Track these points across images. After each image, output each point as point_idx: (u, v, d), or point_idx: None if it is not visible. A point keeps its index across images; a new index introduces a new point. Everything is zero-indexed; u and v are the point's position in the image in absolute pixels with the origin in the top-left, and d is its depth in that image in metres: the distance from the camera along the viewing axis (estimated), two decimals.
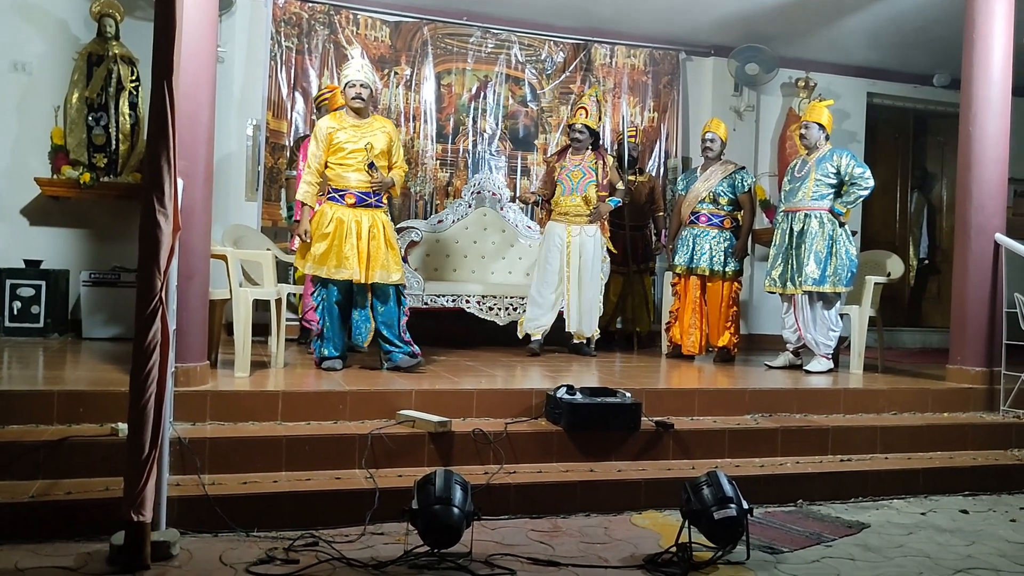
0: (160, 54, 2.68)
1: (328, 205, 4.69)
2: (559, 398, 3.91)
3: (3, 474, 3.10)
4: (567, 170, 5.90)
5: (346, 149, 4.67)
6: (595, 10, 7.04)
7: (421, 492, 2.89)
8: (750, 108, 7.88)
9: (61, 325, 6.04)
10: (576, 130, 5.88)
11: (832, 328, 5.48)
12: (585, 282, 5.87)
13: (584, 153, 5.91)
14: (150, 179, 2.65)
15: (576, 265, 5.84)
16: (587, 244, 5.87)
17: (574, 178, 5.87)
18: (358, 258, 4.62)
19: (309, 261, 4.64)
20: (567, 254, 5.84)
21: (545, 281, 5.88)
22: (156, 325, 2.64)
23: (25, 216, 6.24)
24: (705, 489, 3.02)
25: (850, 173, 5.40)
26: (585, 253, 5.86)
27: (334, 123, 4.72)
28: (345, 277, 4.61)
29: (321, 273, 4.62)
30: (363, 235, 4.64)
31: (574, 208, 5.86)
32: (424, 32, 7.05)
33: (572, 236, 5.84)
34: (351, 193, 4.68)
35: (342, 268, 4.60)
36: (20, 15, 6.19)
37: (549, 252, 5.88)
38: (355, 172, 4.68)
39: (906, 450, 4.38)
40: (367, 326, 4.76)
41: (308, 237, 4.63)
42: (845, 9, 6.78)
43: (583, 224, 5.87)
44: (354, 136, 4.69)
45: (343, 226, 4.62)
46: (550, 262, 5.87)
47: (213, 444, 3.40)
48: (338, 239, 4.60)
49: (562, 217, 5.89)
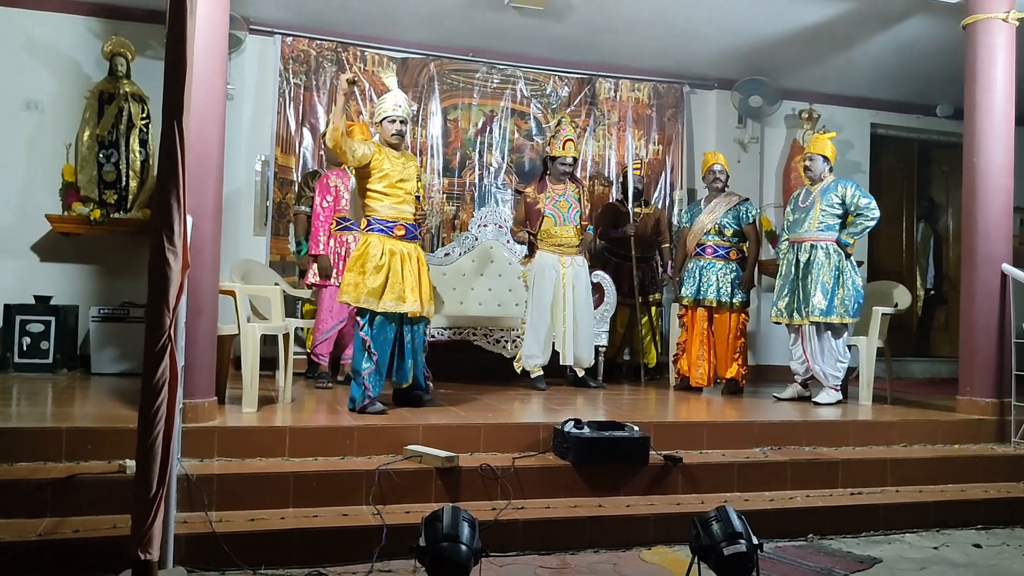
0: (171, 94, 2.71)
1: (376, 237, 4.51)
2: (567, 432, 3.90)
3: (11, 512, 3.11)
4: (553, 200, 5.90)
5: (392, 179, 4.56)
6: (599, 45, 7.11)
7: (428, 529, 2.87)
8: (754, 140, 7.93)
9: (70, 360, 6.06)
10: (567, 163, 5.91)
11: (840, 359, 5.47)
12: (582, 312, 5.87)
13: (566, 183, 5.96)
14: (160, 217, 2.67)
15: (571, 297, 5.83)
16: (580, 274, 5.90)
17: (563, 208, 5.89)
18: (420, 291, 4.54)
19: (363, 295, 4.41)
20: (562, 286, 5.82)
21: (542, 315, 5.82)
22: (165, 362, 2.64)
23: (36, 252, 6.29)
24: (714, 524, 3.00)
25: (856, 204, 5.41)
26: (579, 283, 5.88)
27: (376, 149, 4.58)
28: (405, 310, 4.48)
29: (379, 307, 4.42)
30: (415, 267, 4.57)
31: (568, 239, 5.88)
32: (431, 68, 7.14)
33: (566, 267, 5.84)
34: (400, 225, 4.57)
35: (402, 301, 4.46)
36: (33, 55, 6.29)
37: (544, 285, 5.82)
38: (405, 204, 4.60)
39: (917, 483, 4.35)
40: (411, 363, 4.65)
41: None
42: (847, 42, 6.84)
43: (574, 255, 5.90)
44: (399, 168, 4.61)
45: (395, 258, 4.49)
46: (545, 294, 5.81)
47: (221, 480, 3.40)
48: (394, 272, 4.47)
49: (555, 248, 5.87)
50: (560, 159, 5.92)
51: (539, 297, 5.83)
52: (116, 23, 6.39)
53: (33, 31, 6.28)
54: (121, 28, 6.36)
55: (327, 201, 5.57)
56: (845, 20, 6.37)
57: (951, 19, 5.70)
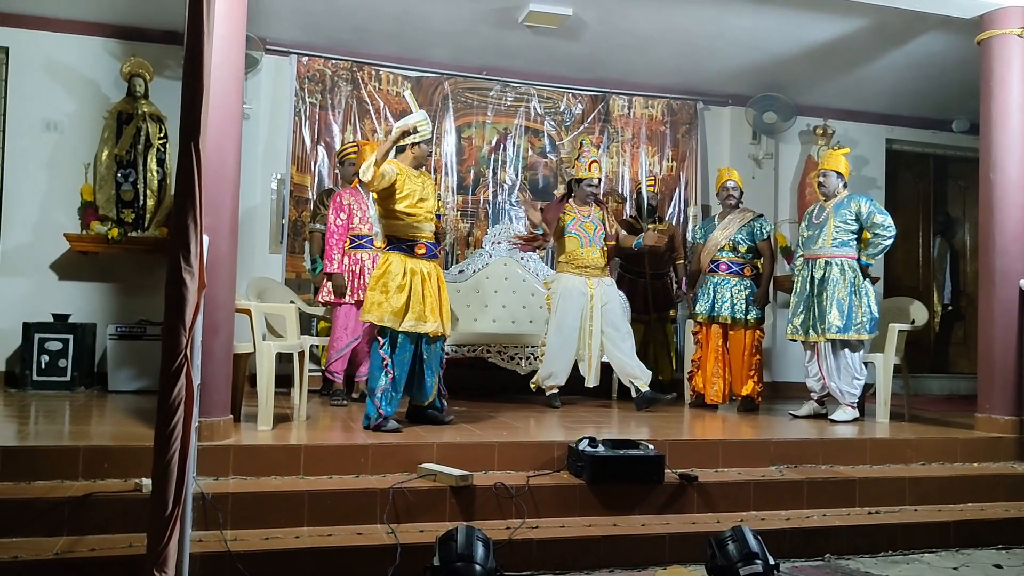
0: (188, 115, 2.74)
1: (397, 256, 4.52)
2: (581, 451, 3.89)
3: (29, 530, 3.13)
4: (579, 222, 5.83)
5: (414, 198, 4.54)
6: (612, 63, 7.14)
7: (443, 549, 2.87)
8: (769, 156, 7.92)
9: (88, 378, 6.10)
10: (593, 185, 5.84)
11: (856, 376, 5.43)
12: (620, 329, 5.77)
13: (591, 205, 5.90)
14: (176, 237, 2.69)
15: (599, 317, 5.74)
16: (609, 292, 5.82)
17: (588, 230, 5.83)
18: (440, 310, 4.56)
19: (386, 314, 4.40)
20: (590, 308, 5.74)
21: (564, 336, 5.71)
22: (181, 382, 2.66)
23: (54, 270, 6.35)
24: (730, 544, 2.99)
25: (872, 221, 5.38)
26: (611, 301, 5.78)
27: (401, 170, 4.55)
28: (426, 331, 4.49)
29: (402, 327, 4.42)
30: (434, 287, 4.57)
31: (594, 260, 5.81)
32: (445, 87, 7.18)
33: (594, 288, 5.77)
34: (422, 244, 4.57)
35: (423, 321, 4.47)
36: (53, 76, 6.38)
37: (568, 307, 5.71)
38: (425, 223, 4.60)
39: (936, 502, 4.30)
40: (432, 380, 4.65)
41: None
42: (862, 58, 6.83)
43: (601, 276, 5.84)
44: (420, 188, 4.59)
45: (416, 278, 4.49)
46: (570, 316, 5.71)
47: (236, 499, 3.41)
48: (415, 292, 4.47)
49: (581, 271, 5.80)
50: (587, 181, 5.82)
51: (562, 319, 5.71)
52: (134, 44, 6.48)
53: (54, 53, 6.38)
54: (139, 49, 6.45)
55: (340, 219, 5.60)
56: (859, 37, 6.36)
57: (966, 35, 5.69)
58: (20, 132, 6.33)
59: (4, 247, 6.29)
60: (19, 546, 3.04)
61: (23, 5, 6.21)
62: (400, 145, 4.61)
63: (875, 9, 5.64)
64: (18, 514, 3.17)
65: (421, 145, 4.62)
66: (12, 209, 6.31)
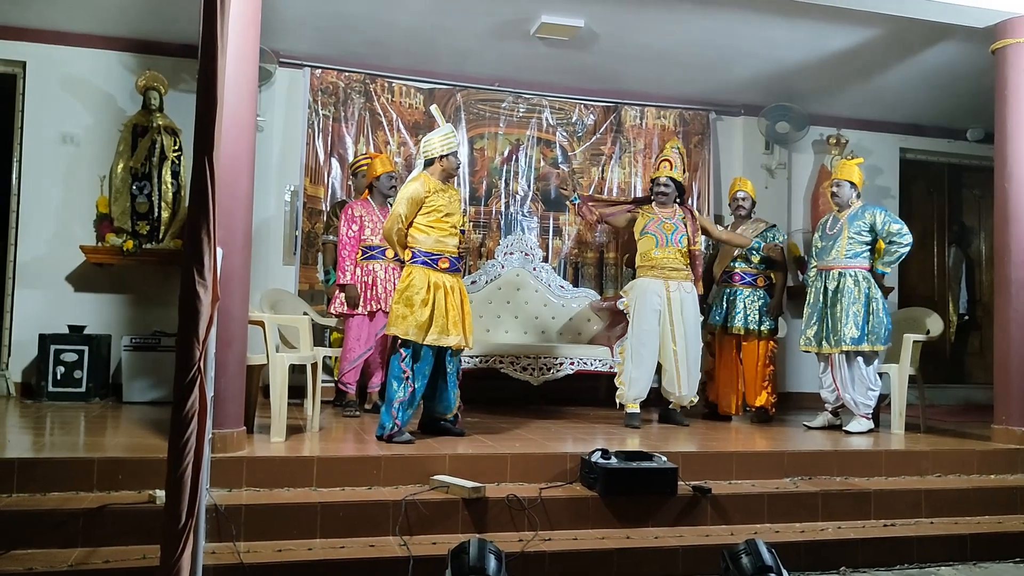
0: (202, 128, 2.76)
1: (420, 270, 4.53)
2: (594, 462, 3.88)
3: (43, 542, 3.15)
4: (656, 223, 5.65)
5: (441, 212, 4.57)
6: (624, 73, 7.15)
7: (455, 562, 2.87)
8: (782, 166, 7.90)
9: (102, 389, 6.14)
10: (661, 183, 5.69)
11: (871, 387, 5.39)
12: (691, 342, 5.55)
13: (672, 207, 5.72)
14: (190, 251, 2.71)
15: (680, 323, 5.51)
16: (687, 300, 5.56)
17: (667, 230, 5.63)
18: (462, 324, 4.58)
19: (411, 327, 4.41)
20: (669, 311, 5.51)
21: (644, 343, 5.46)
22: (194, 395, 2.67)
23: (69, 282, 6.40)
24: (744, 558, 2.97)
25: (887, 231, 5.36)
26: (687, 310, 5.53)
27: (429, 186, 4.58)
28: (449, 344, 4.51)
29: (426, 340, 4.43)
30: (457, 300, 4.58)
31: (672, 262, 5.58)
32: (457, 98, 7.21)
33: (671, 291, 5.53)
34: (446, 258, 4.58)
35: (447, 335, 4.49)
36: (70, 90, 6.45)
37: (646, 312, 5.48)
38: (450, 237, 4.62)
39: (952, 514, 4.27)
40: (455, 392, 4.69)
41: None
42: (875, 67, 6.81)
43: (680, 280, 5.58)
44: (446, 202, 4.61)
45: (440, 292, 4.50)
46: (648, 321, 5.47)
47: (249, 511, 3.41)
48: (438, 306, 4.48)
49: (657, 272, 5.57)
50: (656, 180, 5.74)
51: (640, 324, 5.50)
52: (150, 58, 6.54)
53: (70, 67, 6.44)
54: (154, 63, 6.50)
55: (352, 231, 5.61)
56: (873, 46, 6.34)
57: (980, 44, 5.66)
58: (37, 145, 6.39)
59: (21, 259, 6.34)
60: (33, 558, 3.06)
61: (40, 20, 6.28)
62: (429, 158, 4.65)
63: (889, 19, 5.63)
64: (33, 525, 3.18)
65: (450, 158, 4.65)
66: (29, 221, 6.37)
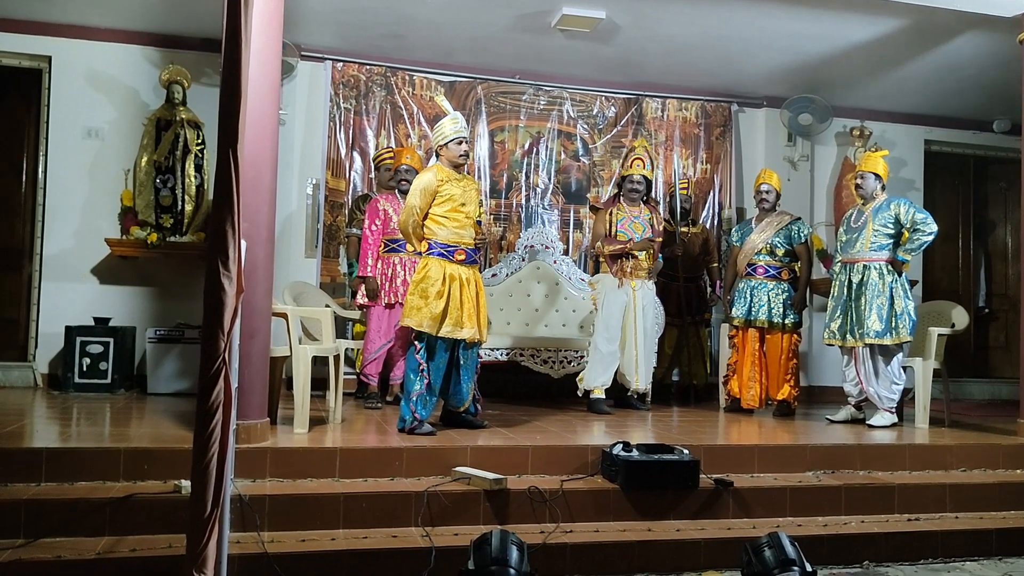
0: (226, 122, 2.78)
1: (435, 261, 4.49)
2: (615, 455, 3.87)
3: (72, 530, 3.19)
4: (627, 222, 5.78)
5: (456, 202, 4.53)
6: (645, 65, 7.11)
7: (477, 553, 2.88)
8: (804, 158, 7.84)
9: (127, 381, 6.21)
10: (635, 182, 5.77)
11: (895, 381, 5.35)
12: (649, 337, 5.82)
13: (640, 205, 5.85)
14: (215, 243, 2.73)
15: (642, 317, 5.74)
16: (648, 298, 5.80)
17: (636, 230, 5.76)
18: (477, 317, 4.56)
19: (425, 319, 4.39)
20: (634, 308, 5.73)
21: (610, 335, 5.69)
22: (219, 386, 2.69)
23: (95, 275, 6.47)
24: (767, 551, 2.96)
25: (912, 220, 5.30)
26: (648, 308, 5.78)
27: (441, 176, 4.53)
28: (463, 337, 4.49)
29: (439, 333, 4.41)
30: (472, 293, 4.56)
31: (639, 262, 5.77)
32: (478, 91, 7.21)
33: (636, 290, 5.73)
34: (462, 250, 4.54)
35: (462, 328, 4.46)
36: (94, 85, 6.51)
37: (613, 305, 5.70)
38: (466, 228, 4.57)
39: (977, 509, 4.23)
40: (468, 385, 4.67)
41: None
42: (899, 58, 6.74)
43: (644, 279, 5.80)
44: (460, 192, 4.56)
45: (455, 284, 4.47)
46: (614, 315, 5.69)
47: (272, 501, 3.44)
48: (453, 299, 4.45)
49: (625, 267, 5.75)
50: (628, 178, 5.81)
51: (607, 318, 5.70)
52: (173, 52, 6.59)
53: (94, 62, 6.50)
54: (178, 57, 6.55)
55: (376, 225, 5.64)
56: (896, 37, 6.28)
57: (1006, 33, 5.59)
58: (62, 139, 6.47)
59: (47, 252, 6.42)
60: (62, 546, 3.10)
61: (65, 15, 6.34)
62: (437, 148, 4.65)
63: (914, 9, 5.57)
64: (61, 514, 3.23)
65: (449, 146, 4.58)
66: (55, 215, 6.45)
